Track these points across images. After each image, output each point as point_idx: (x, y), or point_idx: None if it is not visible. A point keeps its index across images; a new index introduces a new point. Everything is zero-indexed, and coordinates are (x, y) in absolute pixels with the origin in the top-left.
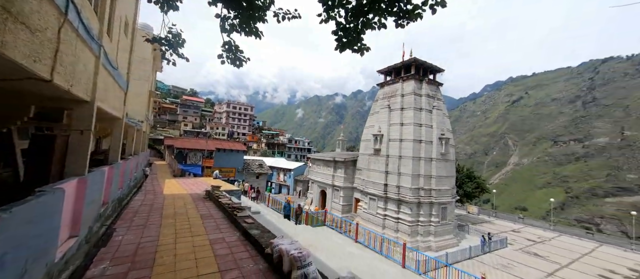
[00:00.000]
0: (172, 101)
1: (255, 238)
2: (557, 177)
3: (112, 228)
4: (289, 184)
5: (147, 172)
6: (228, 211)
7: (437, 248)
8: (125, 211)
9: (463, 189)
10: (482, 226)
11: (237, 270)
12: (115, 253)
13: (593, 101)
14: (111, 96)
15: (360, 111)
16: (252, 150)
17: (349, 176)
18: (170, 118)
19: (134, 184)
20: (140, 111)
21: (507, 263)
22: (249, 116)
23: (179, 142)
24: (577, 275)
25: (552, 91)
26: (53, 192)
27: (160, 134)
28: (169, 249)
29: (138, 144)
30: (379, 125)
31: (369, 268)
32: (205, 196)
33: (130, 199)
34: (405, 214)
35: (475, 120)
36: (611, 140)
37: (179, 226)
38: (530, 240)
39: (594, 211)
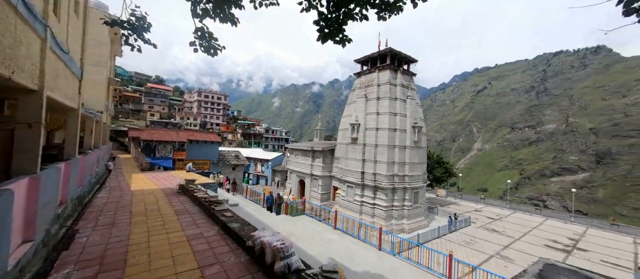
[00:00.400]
0: (135, 88)
1: (235, 232)
2: (513, 161)
3: (74, 229)
4: (267, 174)
5: (110, 167)
6: (205, 205)
7: (409, 229)
8: (88, 210)
9: (433, 174)
10: (450, 208)
11: (217, 265)
12: (80, 255)
13: (544, 91)
14: (63, 83)
15: (338, 100)
16: (228, 141)
17: (327, 165)
18: (134, 108)
19: (95, 180)
20: (98, 100)
21: (470, 239)
22: (222, 105)
23: (146, 134)
24: (527, 246)
25: (512, 81)
26: None
27: (123, 126)
28: (142, 248)
29: (98, 136)
30: (356, 114)
31: (347, 253)
32: (178, 190)
33: (92, 197)
34: (381, 200)
35: (444, 109)
36: (558, 126)
37: (151, 223)
38: (490, 218)
39: (542, 189)
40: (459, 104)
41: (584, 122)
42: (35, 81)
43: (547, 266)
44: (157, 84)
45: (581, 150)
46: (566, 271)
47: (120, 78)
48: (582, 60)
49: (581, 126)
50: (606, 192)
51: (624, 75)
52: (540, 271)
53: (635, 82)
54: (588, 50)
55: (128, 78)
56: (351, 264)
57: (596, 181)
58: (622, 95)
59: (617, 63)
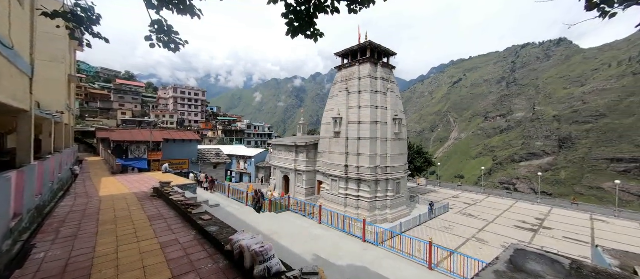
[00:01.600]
0: (102, 85)
1: (213, 236)
2: (486, 148)
3: (30, 244)
4: (251, 171)
5: (76, 171)
6: (181, 209)
7: (392, 219)
8: (48, 222)
9: (414, 164)
10: (430, 196)
11: (193, 273)
12: (35, 274)
13: (514, 82)
14: (7, 83)
15: (320, 94)
16: (208, 139)
17: (311, 159)
18: (102, 106)
19: (58, 187)
20: (57, 99)
21: (449, 225)
22: (200, 102)
23: (116, 135)
24: (500, 228)
25: (484, 72)
26: None
27: (90, 126)
28: (109, 261)
29: (59, 139)
30: (338, 108)
31: (333, 248)
32: (153, 194)
33: (54, 206)
34: (364, 192)
35: (423, 100)
36: (526, 114)
37: (121, 232)
38: (466, 203)
39: (513, 174)
40: (436, 96)
41: (548, 110)
42: None
43: (518, 252)
44: (127, 80)
45: (546, 136)
46: (534, 255)
47: (84, 75)
48: (546, 51)
49: (546, 113)
50: (567, 174)
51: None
52: (511, 257)
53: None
54: (552, 43)
55: (94, 74)
56: (336, 258)
57: (559, 164)
58: (581, 84)
59: (576, 54)
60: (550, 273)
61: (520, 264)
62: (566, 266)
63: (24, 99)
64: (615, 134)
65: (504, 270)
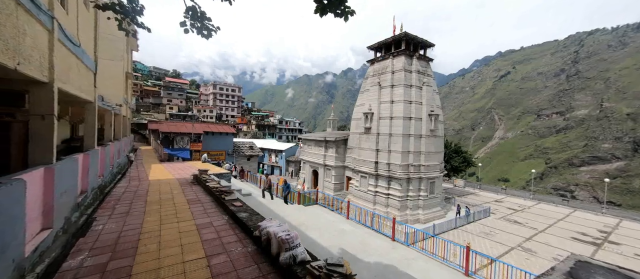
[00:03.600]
0: (154, 83)
1: (243, 222)
2: (538, 150)
3: (93, 217)
4: (281, 165)
5: (131, 158)
6: (216, 195)
7: (425, 220)
8: (108, 199)
9: (450, 163)
10: (467, 198)
11: (224, 254)
12: (94, 242)
13: (576, 74)
14: (76, 76)
15: (351, 90)
16: (242, 132)
17: (340, 155)
18: (154, 102)
19: (117, 171)
20: (116, 93)
21: (489, 230)
22: (237, 98)
23: (164, 126)
24: (552, 238)
25: (539, 64)
26: (10, 184)
27: (143, 119)
28: (153, 236)
29: (118, 129)
30: (369, 103)
31: (360, 244)
32: (192, 180)
33: (113, 187)
34: (395, 190)
35: (463, 96)
36: (590, 112)
37: (164, 212)
38: (511, 209)
39: (570, 179)
40: (479, 91)
41: (620, 107)
42: (45, 73)
43: (580, 264)
44: (174, 78)
45: (616, 137)
46: (602, 269)
47: (139, 73)
48: (621, 38)
49: (617, 111)
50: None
51: None
52: (571, 268)
53: None
54: (629, 27)
55: (147, 73)
56: (363, 255)
57: (632, 171)
58: None
59: None
60: None
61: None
62: None
63: (90, 92)
64: None
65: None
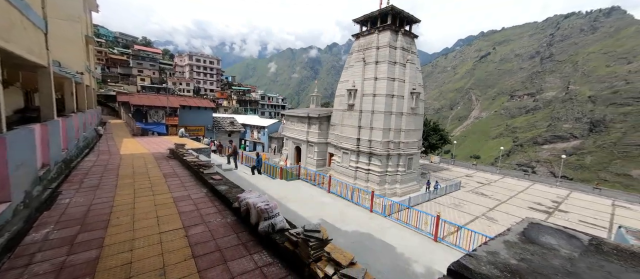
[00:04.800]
0: (121, 51)
1: (222, 194)
2: (508, 129)
3: (58, 191)
4: (264, 141)
5: (100, 131)
6: (194, 169)
7: (402, 193)
8: (74, 173)
9: (428, 141)
10: (442, 173)
11: (203, 225)
12: (60, 216)
13: (549, 57)
14: (21, 35)
15: (336, 66)
16: (223, 107)
17: (323, 131)
18: (122, 72)
19: (84, 144)
20: (76, 60)
21: (459, 202)
22: (215, 70)
23: (136, 99)
24: (512, 208)
25: (517, 46)
26: None
27: (112, 90)
28: (126, 209)
29: (82, 100)
30: (353, 79)
31: (339, 214)
32: (169, 155)
33: (80, 161)
34: (375, 166)
35: (445, 75)
36: (557, 94)
37: (138, 185)
38: (480, 182)
39: (533, 156)
40: (460, 71)
41: (584, 89)
42: None
43: (532, 225)
44: (144, 46)
45: (576, 118)
46: (550, 230)
47: (103, 39)
48: (593, 23)
49: (580, 93)
50: (593, 159)
51: (633, 40)
52: (524, 229)
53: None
54: (601, 12)
55: (112, 39)
56: (342, 224)
57: (586, 148)
58: (628, 61)
59: (629, 26)
60: (566, 247)
61: (534, 237)
62: (585, 241)
63: (41, 54)
64: None
65: (516, 241)
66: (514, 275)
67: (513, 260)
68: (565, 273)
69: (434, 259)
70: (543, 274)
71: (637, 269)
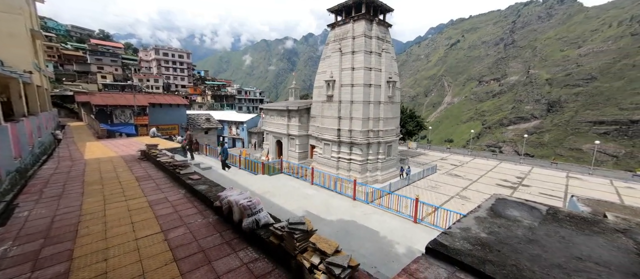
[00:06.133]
0: (76, 46)
1: (203, 193)
2: (477, 113)
3: (14, 204)
4: (243, 137)
5: (58, 136)
6: (169, 170)
7: (383, 180)
8: (32, 183)
9: (405, 127)
10: (419, 158)
11: (183, 227)
12: (19, 231)
13: (512, 43)
14: None
15: (313, 57)
16: (197, 104)
17: (303, 124)
18: (79, 69)
19: (40, 151)
20: (22, 57)
21: (435, 184)
22: (186, 65)
23: (98, 99)
24: (482, 186)
25: (483, 33)
26: None
27: (68, 90)
28: (96, 217)
29: (33, 101)
30: (330, 70)
31: (324, 205)
32: (140, 156)
33: (37, 169)
34: (356, 155)
35: (419, 64)
36: (520, 78)
37: (108, 191)
38: (454, 165)
39: (500, 137)
40: (433, 59)
41: (541, 73)
42: None
43: (499, 201)
44: (103, 40)
45: (536, 100)
46: (514, 203)
47: (53, 33)
48: (548, 10)
49: (539, 77)
50: (551, 136)
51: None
52: (492, 205)
53: (591, 32)
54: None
55: (64, 33)
56: (327, 214)
57: (544, 127)
58: (578, 45)
59: (579, 13)
60: (527, 218)
61: (500, 211)
62: (543, 211)
63: None
64: (602, 97)
65: (485, 216)
66: (484, 247)
67: (483, 234)
68: (526, 241)
69: (414, 238)
70: (508, 244)
71: (586, 233)
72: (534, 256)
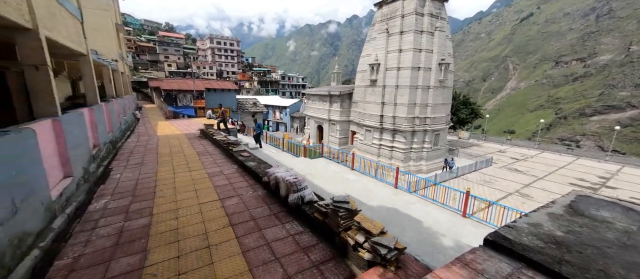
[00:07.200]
0: (148, 38)
1: (252, 169)
2: (550, 100)
3: (109, 168)
4: (286, 121)
5: (137, 115)
6: (223, 147)
7: (427, 170)
8: (121, 153)
9: (457, 115)
10: (471, 150)
11: (236, 197)
12: (115, 188)
13: (608, 13)
14: (61, 24)
15: (357, 40)
16: (245, 89)
17: (345, 109)
18: (151, 59)
19: (125, 127)
20: (110, 48)
21: (489, 179)
22: (236, 52)
23: (165, 84)
24: (551, 185)
25: (566, 3)
26: (19, 132)
27: (143, 77)
28: (168, 183)
29: (119, 86)
30: (375, 53)
31: (364, 190)
32: (199, 134)
33: (124, 142)
34: (399, 143)
35: (478, 43)
36: (615, 57)
37: (176, 163)
38: (514, 158)
39: (578, 129)
40: (496, 37)
41: None
42: (26, 18)
43: (580, 198)
44: (168, 32)
45: (637, 84)
46: (603, 202)
47: (131, 27)
48: None
49: None
50: None
51: None
52: (571, 202)
53: None
54: None
55: (139, 27)
56: (367, 199)
57: None
58: None
59: None
60: (621, 220)
61: (582, 209)
62: None
63: (80, 43)
64: None
65: (561, 213)
66: (559, 246)
67: (559, 232)
68: (620, 246)
69: (463, 233)
70: (595, 246)
71: None
72: (631, 264)
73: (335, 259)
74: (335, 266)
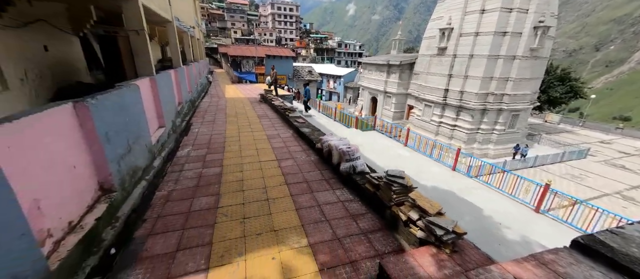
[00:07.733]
0: (217, 5)
1: (306, 135)
2: None
3: (190, 123)
4: (339, 91)
5: (210, 79)
6: (281, 112)
7: (494, 155)
8: (198, 111)
9: (548, 94)
10: (559, 136)
11: (291, 160)
12: (194, 140)
13: None
14: None
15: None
16: (301, 57)
17: (403, 81)
18: (220, 26)
19: (201, 89)
20: (188, 15)
21: (579, 173)
22: (295, 18)
23: (232, 50)
24: None
25: None
26: (128, 86)
27: (214, 43)
28: (234, 140)
29: (196, 51)
30: (449, 15)
31: (418, 169)
32: (260, 99)
33: (200, 101)
34: (464, 122)
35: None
36: None
37: (240, 123)
38: (622, 152)
39: None
40: None
41: None
42: None
43: None
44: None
45: None
46: None
47: None
48: None
49: None
50: None
51: None
52: None
53: None
54: None
55: None
56: (420, 179)
57: None
58: None
59: None
60: None
61: None
62: None
63: (167, 10)
64: None
65: None
66: None
67: None
68: None
69: (534, 229)
70: None
71: None
72: None
73: (384, 231)
74: (383, 236)
